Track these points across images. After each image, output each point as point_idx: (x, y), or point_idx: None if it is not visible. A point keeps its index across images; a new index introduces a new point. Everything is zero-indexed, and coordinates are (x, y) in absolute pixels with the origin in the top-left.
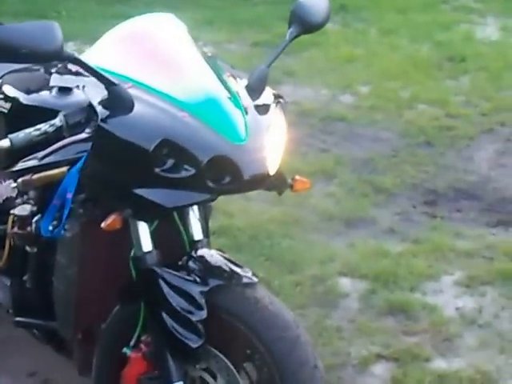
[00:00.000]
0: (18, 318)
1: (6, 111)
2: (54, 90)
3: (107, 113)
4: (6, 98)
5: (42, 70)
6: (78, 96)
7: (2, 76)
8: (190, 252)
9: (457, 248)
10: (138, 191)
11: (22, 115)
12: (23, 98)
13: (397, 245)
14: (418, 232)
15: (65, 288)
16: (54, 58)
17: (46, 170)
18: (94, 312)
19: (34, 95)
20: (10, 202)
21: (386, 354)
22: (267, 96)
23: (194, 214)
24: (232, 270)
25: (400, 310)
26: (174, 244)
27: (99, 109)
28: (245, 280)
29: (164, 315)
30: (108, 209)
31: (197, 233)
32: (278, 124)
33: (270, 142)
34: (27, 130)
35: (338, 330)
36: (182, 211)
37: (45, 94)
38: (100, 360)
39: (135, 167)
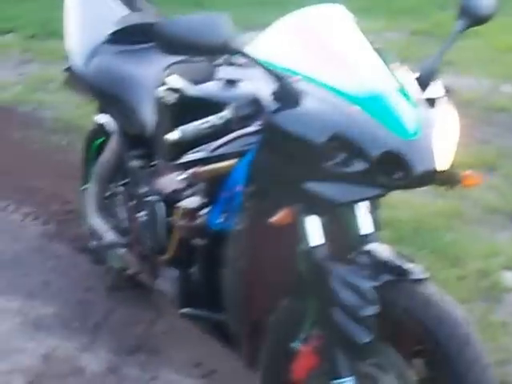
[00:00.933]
0: (183, 310)
1: (171, 102)
2: (221, 83)
3: (276, 106)
4: (173, 90)
5: (206, 62)
6: (244, 89)
7: (168, 66)
8: (360, 246)
9: None
10: (309, 185)
11: (187, 107)
12: (189, 89)
13: None
14: None
15: (234, 281)
16: (221, 52)
17: (214, 163)
18: (263, 305)
19: (200, 87)
20: (175, 195)
21: None
22: (438, 88)
23: (363, 207)
24: (403, 266)
25: None
26: (343, 238)
27: (268, 102)
28: (416, 276)
29: (334, 310)
30: (277, 202)
31: (366, 226)
32: (449, 117)
33: (442, 137)
34: (196, 123)
35: (503, 326)
36: (352, 204)
37: (211, 85)
38: (268, 353)
39: (306, 161)
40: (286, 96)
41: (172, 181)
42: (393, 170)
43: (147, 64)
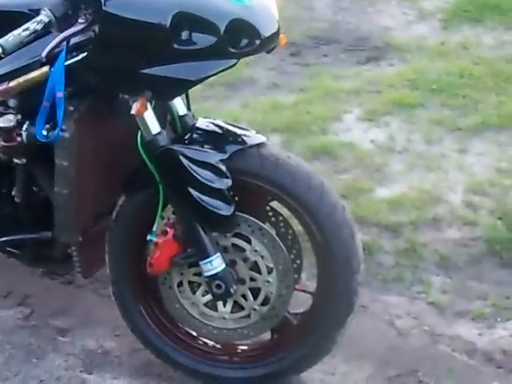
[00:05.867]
0: (2, 239)
1: None
2: None
3: None
4: None
5: None
6: None
7: None
8: (188, 126)
9: (344, 88)
10: (157, 70)
11: None
12: None
13: (288, 96)
14: (300, 81)
15: (67, 191)
16: None
17: (22, 75)
18: (97, 210)
19: None
20: None
21: None
22: None
23: None
24: (240, 134)
25: (322, 153)
26: (171, 121)
27: None
28: (257, 140)
29: (190, 190)
30: (106, 99)
31: (181, 107)
32: None
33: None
34: (15, 32)
35: None
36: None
37: None
38: (115, 254)
39: (151, 46)
40: None
41: None
42: (240, 37)
43: None
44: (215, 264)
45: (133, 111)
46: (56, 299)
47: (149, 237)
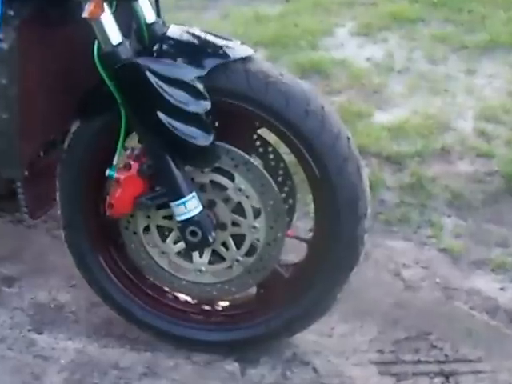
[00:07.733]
0: None
1: None
2: None
3: None
4: None
5: None
6: None
7: None
8: (152, 36)
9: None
10: None
11: None
12: None
13: (272, 7)
14: None
15: (8, 115)
16: None
17: None
18: (44, 139)
19: None
20: None
21: None
22: None
23: None
24: (222, 45)
25: (312, 71)
26: (135, 30)
27: None
28: (242, 53)
29: (160, 115)
30: (55, 1)
31: (149, 13)
32: None
33: None
34: None
35: None
36: None
37: None
38: (67, 192)
39: None
40: None
41: None
42: None
43: None
44: (190, 206)
45: (85, 13)
46: (2, 241)
47: (108, 172)
